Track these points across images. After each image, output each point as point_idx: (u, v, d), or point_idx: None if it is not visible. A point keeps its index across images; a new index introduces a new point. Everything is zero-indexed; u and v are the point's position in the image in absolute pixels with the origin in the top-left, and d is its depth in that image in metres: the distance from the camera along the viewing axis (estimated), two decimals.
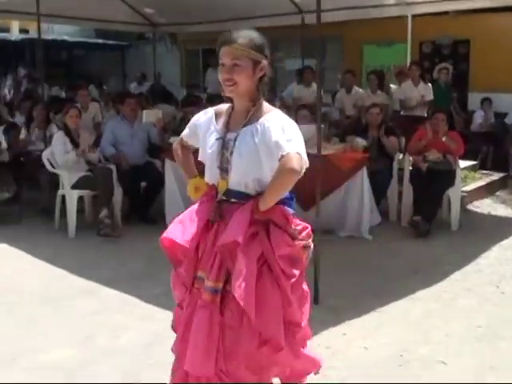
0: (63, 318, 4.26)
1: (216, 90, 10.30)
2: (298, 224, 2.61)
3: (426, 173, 6.45)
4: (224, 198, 2.57)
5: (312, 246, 2.65)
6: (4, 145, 7.12)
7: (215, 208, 2.58)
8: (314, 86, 9.18)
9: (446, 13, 10.59)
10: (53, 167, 6.55)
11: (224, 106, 2.67)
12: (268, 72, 2.59)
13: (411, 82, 8.95)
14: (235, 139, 2.52)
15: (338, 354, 3.68)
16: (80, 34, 17.78)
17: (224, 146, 2.55)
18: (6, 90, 14.41)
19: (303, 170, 2.40)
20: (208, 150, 2.60)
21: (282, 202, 2.54)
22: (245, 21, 10.05)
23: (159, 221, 6.26)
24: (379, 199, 6.57)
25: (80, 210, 6.50)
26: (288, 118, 2.53)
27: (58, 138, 6.54)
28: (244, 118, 2.54)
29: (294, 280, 2.52)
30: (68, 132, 6.53)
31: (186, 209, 6.01)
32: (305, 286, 2.67)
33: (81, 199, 6.52)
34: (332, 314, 4.23)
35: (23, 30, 19.17)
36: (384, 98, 9.10)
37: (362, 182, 6.06)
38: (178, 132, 6.93)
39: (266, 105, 2.58)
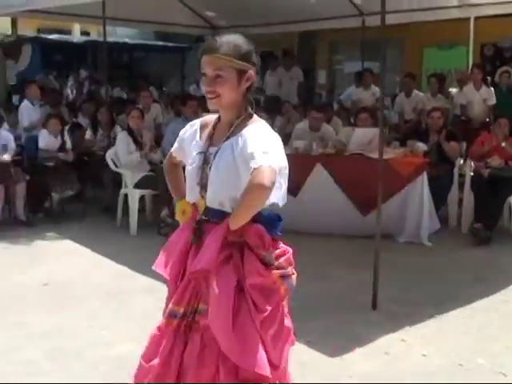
0: (125, 313, 4.38)
1: (274, 92, 10.43)
2: (278, 248, 2.33)
3: (487, 179, 6.34)
4: (204, 218, 2.34)
5: (294, 275, 2.35)
6: (69, 144, 7.35)
7: (194, 229, 2.36)
8: (374, 88, 9.16)
9: (508, 15, 10.34)
10: (116, 167, 6.74)
11: (211, 117, 2.47)
12: (255, 81, 2.35)
13: (473, 86, 8.78)
14: (216, 153, 2.31)
15: (398, 361, 3.67)
16: (140, 37, 18.10)
17: (205, 160, 2.34)
18: (69, 91, 14.78)
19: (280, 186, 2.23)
20: (188, 165, 2.41)
21: (264, 221, 2.28)
22: (305, 23, 10.12)
23: None
24: (439, 205, 6.48)
25: (141, 209, 6.65)
26: (271, 130, 2.31)
27: (122, 138, 6.72)
28: (228, 130, 2.33)
29: (265, 315, 2.24)
30: (131, 132, 6.70)
31: None
32: (286, 322, 2.37)
33: (142, 198, 6.67)
34: (390, 320, 4.21)
35: (84, 33, 19.68)
36: (444, 101, 8.97)
37: (422, 187, 6.00)
38: None
39: (255, 117, 2.36)
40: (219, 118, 2.42)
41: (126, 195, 6.58)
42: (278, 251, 2.31)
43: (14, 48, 15.89)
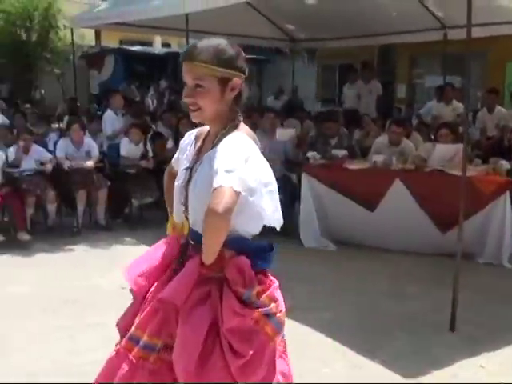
0: None
1: (352, 105, 10.35)
2: (261, 283, 2.04)
3: None
4: (190, 242, 2.11)
5: (281, 313, 2.04)
6: (151, 152, 7.53)
7: (178, 254, 2.15)
8: (455, 103, 8.95)
9: None
10: None
11: (207, 128, 2.22)
12: (244, 90, 2.11)
13: None
14: (197, 169, 2.09)
15: None
16: None
17: (190, 177, 2.10)
18: (150, 101, 15.17)
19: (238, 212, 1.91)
20: (176, 182, 2.19)
21: (251, 252, 2.03)
22: (385, 36, 10.04)
23: (293, 233, 6.35)
24: None
25: None
26: (248, 142, 2.03)
27: None
28: (212, 143, 2.09)
29: (246, 360, 1.95)
30: None
31: (321, 223, 5.91)
32: (281, 365, 2.12)
33: None
34: (469, 344, 4.07)
35: (165, 44, 20.23)
36: None
37: (504, 206, 5.78)
38: (314, 147, 7.04)
39: (240, 126, 2.10)
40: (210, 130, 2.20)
41: None
42: (259, 287, 2.02)
43: (97, 59, 16.50)
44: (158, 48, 19.19)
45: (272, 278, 2.10)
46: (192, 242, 2.09)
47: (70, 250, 6.31)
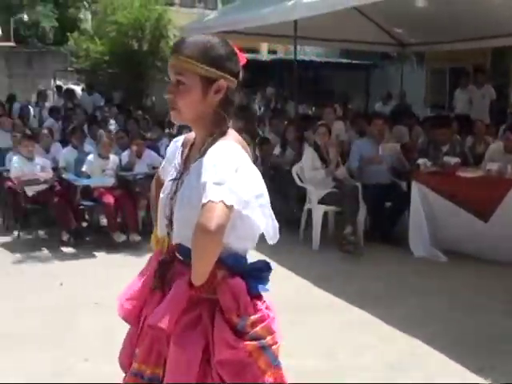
0: (306, 328, 4.37)
1: (464, 110, 9.99)
2: (257, 311, 1.88)
3: None
4: (177, 257, 1.93)
5: (276, 345, 1.87)
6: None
7: (156, 272, 1.97)
8: None
9: None
10: (301, 181, 6.87)
11: (194, 134, 2.04)
12: (233, 95, 1.93)
13: None
14: (184, 180, 1.92)
15: None
16: (325, 54, 18.43)
17: (176, 189, 1.93)
18: (257, 107, 15.35)
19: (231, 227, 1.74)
20: (161, 193, 2.02)
21: (247, 273, 1.88)
22: (498, 39, 9.67)
23: (402, 242, 6.21)
24: None
25: (324, 224, 6.66)
26: (237, 150, 1.84)
27: (308, 154, 6.84)
28: (199, 152, 1.91)
29: None
30: (317, 148, 6.79)
31: (431, 232, 5.71)
32: None
33: (324, 214, 6.70)
34: None
35: (271, 51, 20.45)
36: None
37: None
38: (424, 154, 6.84)
39: (228, 133, 1.92)
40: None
41: (309, 210, 6.66)
42: (254, 317, 1.85)
43: None
44: (264, 55, 19.43)
45: (268, 303, 1.94)
46: (181, 258, 1.91)
47: None
